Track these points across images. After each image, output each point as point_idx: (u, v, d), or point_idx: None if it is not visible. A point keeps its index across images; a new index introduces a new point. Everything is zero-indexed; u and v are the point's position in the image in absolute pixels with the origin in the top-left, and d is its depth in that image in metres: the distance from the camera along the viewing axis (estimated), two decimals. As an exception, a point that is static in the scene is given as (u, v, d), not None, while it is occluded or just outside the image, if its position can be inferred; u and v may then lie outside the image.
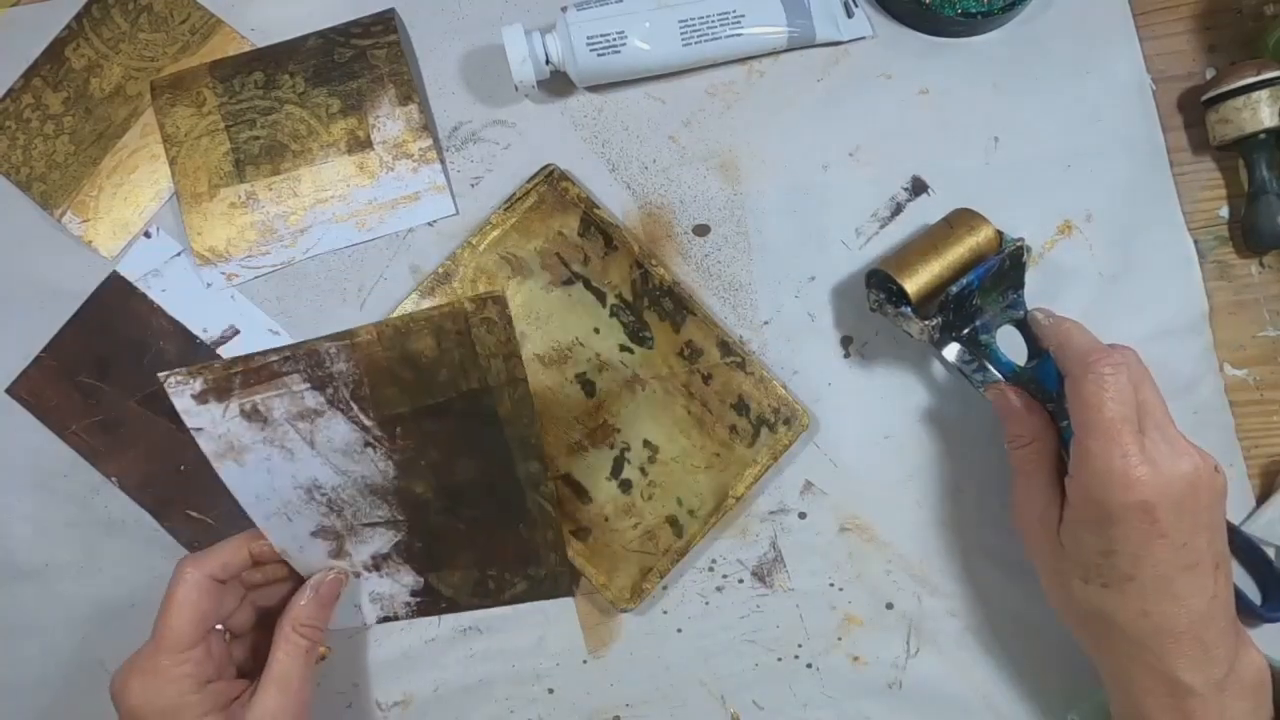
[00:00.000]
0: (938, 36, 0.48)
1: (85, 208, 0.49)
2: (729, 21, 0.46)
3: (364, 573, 0.44)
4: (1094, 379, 0.35)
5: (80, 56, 0.50)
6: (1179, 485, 0.34)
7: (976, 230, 0.42)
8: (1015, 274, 0.42)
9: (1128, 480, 0.33)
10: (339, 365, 0.39)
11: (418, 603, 0.45)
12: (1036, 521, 0.38)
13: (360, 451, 0.41)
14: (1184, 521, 0.34)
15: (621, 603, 0.44)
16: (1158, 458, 0.34)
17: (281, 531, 0.42)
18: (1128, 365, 0.35)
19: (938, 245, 0.42)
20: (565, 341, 0.46)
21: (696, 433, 0.45)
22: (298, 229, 0.48)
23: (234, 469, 0.40)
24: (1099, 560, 0.35)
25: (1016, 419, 0.39)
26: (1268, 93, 0.43)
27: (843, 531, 0.46)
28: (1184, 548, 0.34)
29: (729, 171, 0.48)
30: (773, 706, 0.45)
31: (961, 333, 0.42)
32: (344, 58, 0.48)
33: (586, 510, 0.45)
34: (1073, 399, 0.35)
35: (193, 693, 0.38)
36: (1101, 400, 0.34)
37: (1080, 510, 0.35)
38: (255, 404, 0.39)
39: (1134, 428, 0.34)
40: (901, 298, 0.42)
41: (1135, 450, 0.34)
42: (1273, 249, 0.45)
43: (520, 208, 0.46)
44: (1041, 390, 0.40)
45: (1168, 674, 0.34)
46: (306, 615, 0.41)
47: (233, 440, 0.40)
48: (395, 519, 0.43)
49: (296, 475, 0.41)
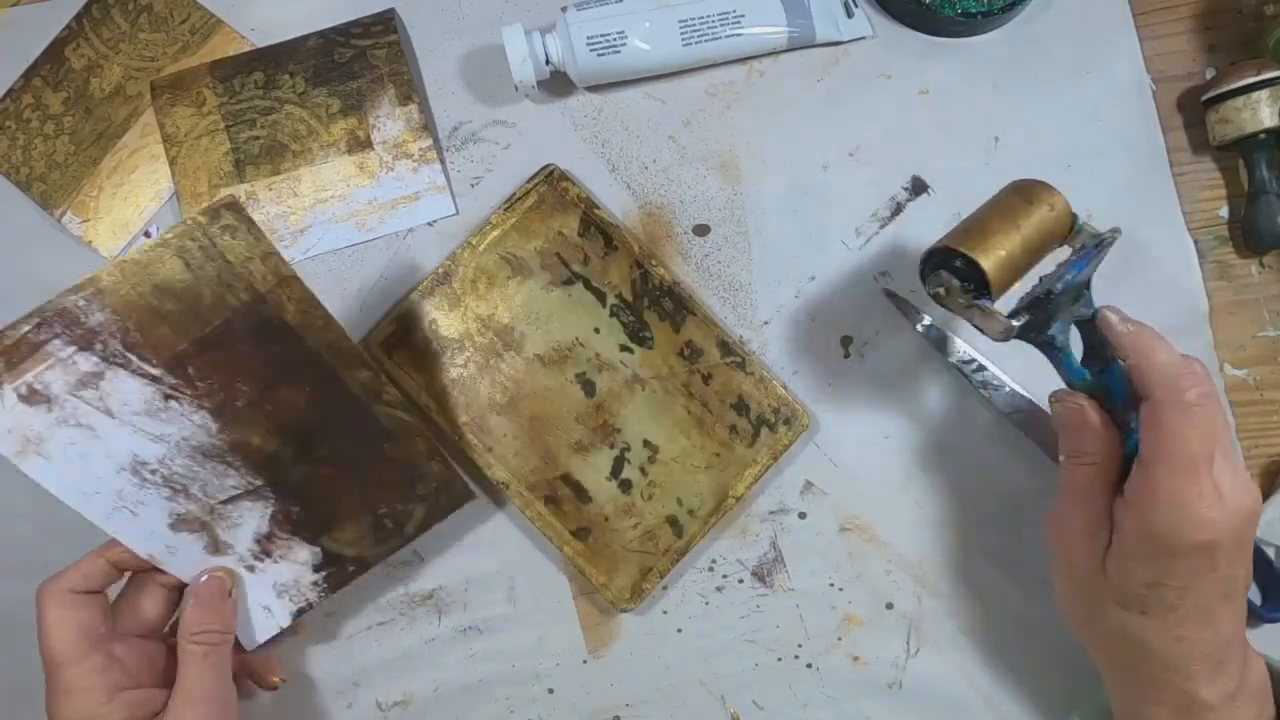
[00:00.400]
0: (938, 36, 0.48)
1: (85, 208, 0.49)
2: (729, 21, 0.46)
3: (256, 564, 0.41)
4: (1179, 409, 0.32)
5: (80, 56, 0.50)
6: (1241, 521, 0.32)
7: (1055, 207, 0.35)
8: (1095, 268, 0.37)
9: (1199, 522, 0.32)
10: (96, 316, 0.36)
11: (325, 577, 0.42)
12: (1080, 541, 0.36)
13: (164, 407, 0.37)
14: (1236, 555, 0.33)
15: (621, 603, 0.44)
16: (1226, 495, 0.32)
17: (133, 530, 0.38)
18: (1211, 393, 0.33)
19: (1016, 221, 0.35)
20: (565, 341, 0.46)
21: (696, 433, 0.45)
22: (298, 229, 0.48)
23: (41, 465, 0.37)
24: (1143, 591, 0.33)
25: (1089, 436, 0.35)
26: (1268, 93, 0.43)
27: (843, 531, 0.46)
28: (1229, 579, 0.33)
29: (729, 171, 0.48)
30: (773, 706, 0.45)
31: (1040, 335, 0.36)
32: (344, 58, 0.48)
33: (586, 510, 0.45)
34: (1150, 425, 0.33)
35: (104, 703, 0.36)
36: (1186, 435, 0.32)
37: (1135, 541, 0.33)
38: (29, 384, 0.36)
39: (1210, 464, 0.32)
40: (978, 285, 0.34)
41: (1210, 491, 0.32)
42: (1273, 249, 0.45)
43: (520, 208, 0.46)
44: (1108, 400, 0.35)
45: (1188, 692, 0.34)
46: (196, 623, 0.38)
47: (25, 432, 0.36)
48: (253, 485, 0.39)
49: (112, 454, 0.37)
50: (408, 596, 0.46)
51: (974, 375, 0.45)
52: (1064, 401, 0.36)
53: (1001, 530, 0.45)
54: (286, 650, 0.46)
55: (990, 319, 0.35)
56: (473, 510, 0.46)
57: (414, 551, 0.46)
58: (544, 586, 0.46)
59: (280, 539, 0.41)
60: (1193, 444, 0.32)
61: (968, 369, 0.45)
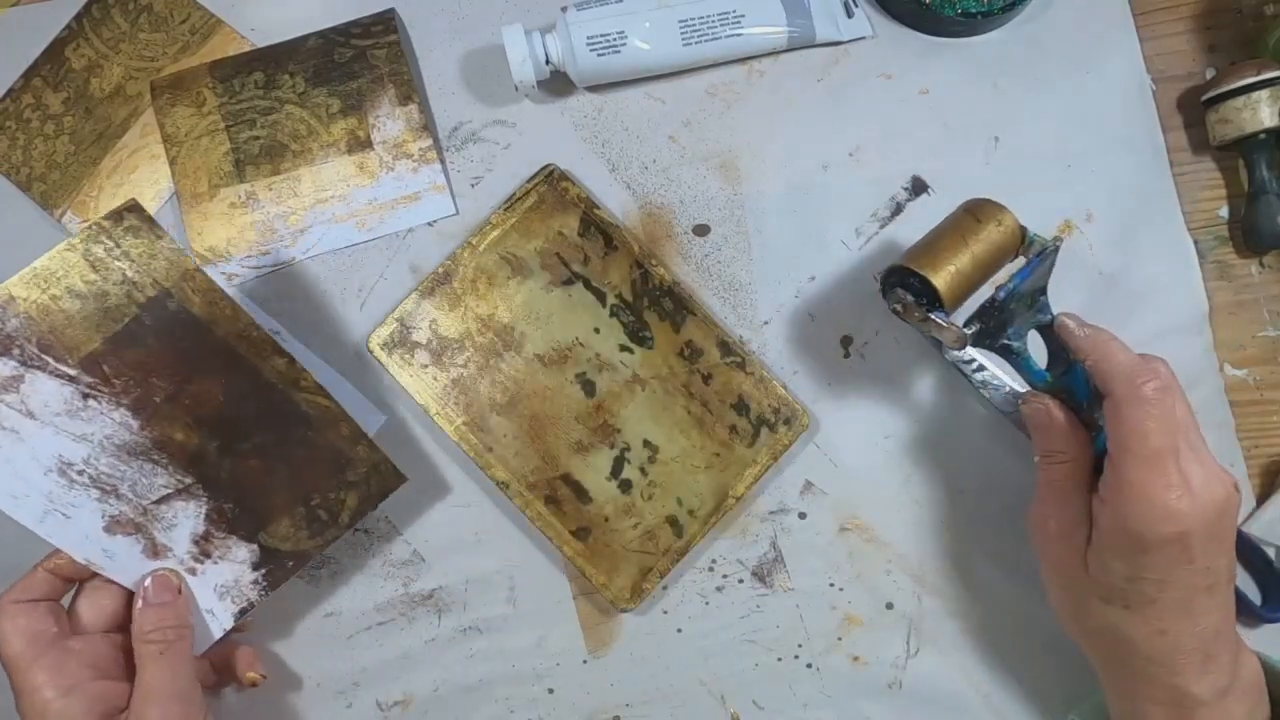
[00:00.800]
0: (938, 36, 0.48)
1: (85, 208, 0.49)
2: (729, 21, 0.46)
3: (196, 566, 0.41)
4: (1139, 404, 0.33)
5: (80, 56, 0.50)
6: (1212, 512, 0.33)
7: (1003, 224, 0.38)
8: (1044, 276, 0.39)
9: (1168, 513, 0.32)
10: (12, 323, 0.38)
11: (264, 575, 0.42)
12: (1059, 539, 0.37)
13: (84, 406, 0.39)
14: (1212, 547, 0.33)
15: (621, 603, 0.44)
16: (1195, 486, 0.33)
17: (68, 534, 0.39)
18: (1170, 387, 0.34)
19: (966, 239, 0.38)
20: (565, 341, 0.46)
21: (696, 433, 0.45)
22: (298, 229, 0.48)
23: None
24: (1124, 585, 0.34)
25: (1057, 435, 0.37)
26: (1268, 93, 0.43)
27: (843, 531, 0.46)
28: (1207, 570, 0.34)
29: (729, 171, 0.48)
30: (773, 706, 0.45)
31: (996, 341, 0.38)
32: (344, 58, 0.48)
33: (586, 510, 0.45)
34: (1113, 422, 0.34)
35: (59, 698, 0.37)
36: (1146, 429, 0.33)
37: (1111, 537, 0.34)
38: None
39: (1176, 456, 0.33)
40: (931, 300, 0.38)
41: (1178, 482, 0.33)
42: (1273, 249, 0.45)
43: (520, 208, 0.46)
44: (1072, 400, 0.37)
45: (1178, 687, 0.34)
46: (148, 623, 0.39)
47: None
48: (183, 483, 0.40)
49: (37, 456, 0.39)
50: (408, 596, 0.46)
51: (974, 375, 0.45)
52: (1030, 402, 0.38)
53: (1001, 530, 0.45)
54: (286, 650, 0.46)
55: (945, 330, 0.37)
56: (473, 510, 0.47)
57: (414, 552, 0.46)
58: (544, 586, 0.46)
59: (217, 538, 0.41)
60: (1154, 437, 0.33)
61: (967, 369, 0.45)
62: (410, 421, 0.47)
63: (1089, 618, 0.36)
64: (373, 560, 0.47)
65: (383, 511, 0.47)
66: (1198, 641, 0.34)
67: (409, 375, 0.46)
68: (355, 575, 0.47)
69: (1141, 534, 0.33)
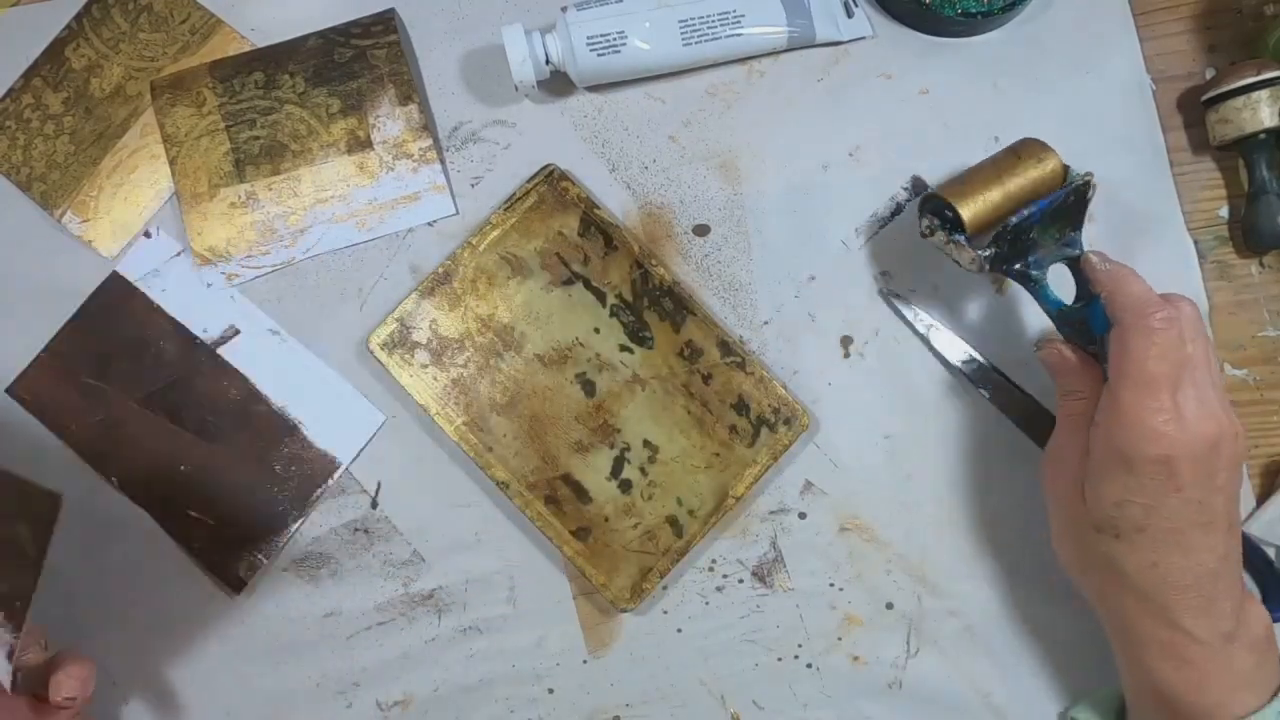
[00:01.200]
0: (938, 36, 0.48)
1: (85, 208, 0.49)
2: (729, 21, 0.46)
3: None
4: (1142, 332, 0.34)
5: (80, 56, 0.50)
6: (1201, 444, 0.33)
7: (1043, 162, 0.41)
8: (1077, 212, 0.41)
9: (1154, 434, 0.33)
10: None
11: (3, 619, 0.40)
12: (1065, 470, 0.37)
13: None
14: (1202, 479, 0.34)
15: (621, 603, 0.44)
16: (1187, 415, 0.33)
17: None
18: (1180, 319, 0.34)
19: (1001, 174, 0.40)
20: (565, 341, 0.46)
21: (696, 433, 0.45)
22: (298, 229, 0.48)
23: None
24: (1113, 511, 0.35)
25: (1073, 373, 0.38)
26: (1268, 93, 0.43)
27: (843, 531, 0.46)
28: (1200, 505, 0.34)
29: (729, 171, 0.48)
30: (773, 706, 0.45)
31: (1014, 266, 0.41)
32: (344, 58, 0.48)
33: (586, 510, 0.45)
34: (1116, 348, 0.35)
35: None
36: (1146, 355, 0.33)
37: (1101, 459, 0.35)
38: None
39: (1172, 385, 0.33)
40: (956, 225, 0.40)
41: (1169, 406, 0.33)
42: (1273, 249, 0.45)
43: (520, 208, 0.46)
44: (1086, 333, 0.39)
45: (1173, 623, 0.34)
46: None
47: None
48: None
49: None
50: (408, 596, 0.46)
51: (974, 375, 0.45)
52: (1044, 348, 0.39)
53: (1002, 530, 0.45)
54: (286, 650, 0.46)
55: (962, 251, 0.40)
56: (473, 510, 0.47)
57: (414, 552, 0.46)
58: (544, 586, 0.46)
59: None
60: (1150, 364, 0.33)
61: (968, 369, 0.45)
62: (410, 421, 0.47)
63: (1085, 549, 0.37)
64: (373, 560, 0.47)
65: (383, 511, 0.47)
66: (1191, 579, 0.34)
67: (409, 375, 0.46)
68: (355, 575, 0.47)
69: (1127, 454, 0.34)
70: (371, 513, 0.47)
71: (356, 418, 0.47)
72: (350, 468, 0.47)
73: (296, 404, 0.47)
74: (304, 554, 0.47)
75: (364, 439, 0.47)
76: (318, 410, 0.47)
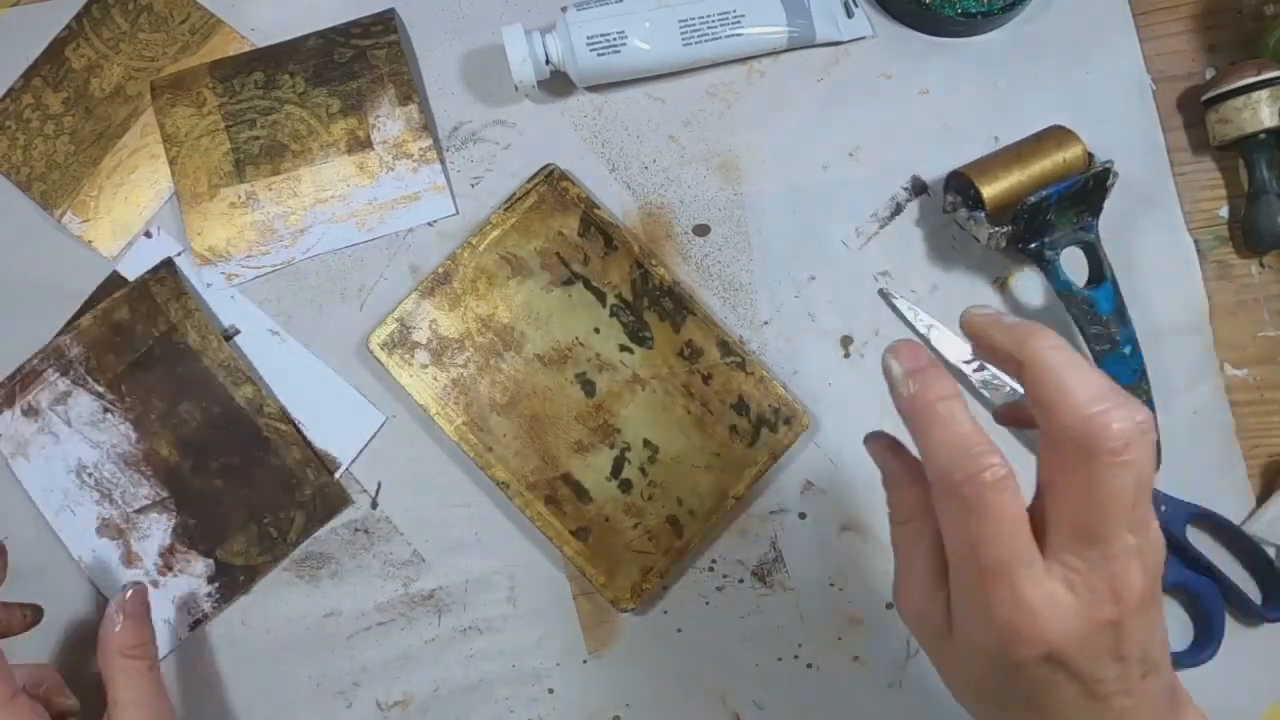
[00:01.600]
0: (938, 36, 0.48)
1: (85, 208, 0.49)
2: (729, 21, 0.46)
3: (159, 579, 0.46)
4: (960, 505, 0.27)
5: (80, 56, 0.50)
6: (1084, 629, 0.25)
7: (1066, 147, 0.42)
8: (1096, 197, 0.42)
9: (1016, 634, 0.25)
10: (75, 350, 0.47)
11: (218, 588, 0.46)
12: (919, 618, 0.30)
13: (102, 419, 0.46)
14: (1092, 660, 0.26)
15: (621, 603, 0.44)
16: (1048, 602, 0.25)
17: (71, 529, 0.46)
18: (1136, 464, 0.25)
19: (1023, 157, 0.43)
20: (565, 341, 0.46)
21: (696, 433, 0.45)
22: (298, 229, 0.48)
23: (24, 465, 0.47)
24: (995, 687, 0.28)
25: (891, 484, 0.30)
26: (1268, 93, 0.43)
27: (843, 531, 0.46)
28: (1094, 681, 0.26)
29: (729, 171, 0.48)
30: (773, 706, 0.45)
31: (1029, 245, 0.43)
32: (344, 58, 0.48)
33: (586, 510, 0.45)
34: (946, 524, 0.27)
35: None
36: (980, 536, 0.25)
37: (963, 645, 0.28)
38: (30, 402, 0.47)
39: (1023, 566, 0.25)
40: (978, 203, 0.42)
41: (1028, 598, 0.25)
42: (1273, 249, 0.45)
43: (520, 208, 0.46)
44: (1091, 314, 0.40)
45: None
46: (129, 638, 0.39)
47: (19, 438, 0.47)
48: (160, 496, 0.46)
49: (66, 457, 0.46)
50: (408, 596, 0.46)
51: (974, 375, 0.45)
52: (871, 440, 0.31)
53: (1001, 530, 0.45)
54: (286, 650, 0.46)
55: (980, 227, 0.42)
56: (473, 510, 0.47)
57: (414, 552, 0.46)
58: (544, 586, 0.46)
59: (180, 552, 0.46)
60: (988, 547, 0.25)
61: (968, 369, 0.45)
62: (410, 421, 0.47)
63: (969, 704, 0.31)
64: (373, 560, 0.47)
65: (383, 511, 0.47)
66: None
67: (409, 375, 0.46)
68: (355, 575, 0.47)
69: (996, 656, 0.26)
70: (371, 513, 0.47)
71: (356, 418, 0.47)
72: (350, 468, 0.47)
73: (296, 404, 0.47)
74: (304, 554, 0.47)
75: (364, 439, 0.47)
76: (318, 410, 0.47)
